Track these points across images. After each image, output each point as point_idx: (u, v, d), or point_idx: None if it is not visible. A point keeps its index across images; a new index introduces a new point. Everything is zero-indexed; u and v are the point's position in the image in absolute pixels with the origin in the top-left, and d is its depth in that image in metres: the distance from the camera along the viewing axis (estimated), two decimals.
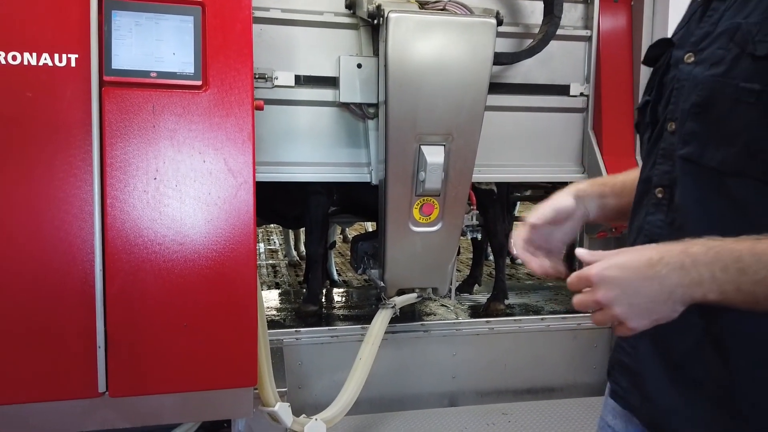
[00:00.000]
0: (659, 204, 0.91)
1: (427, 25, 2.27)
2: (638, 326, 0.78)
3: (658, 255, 0.76)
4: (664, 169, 0.90)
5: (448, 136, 2.39)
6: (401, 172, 2.41)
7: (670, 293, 0.75)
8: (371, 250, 2.81)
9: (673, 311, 0.76)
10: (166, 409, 1.83)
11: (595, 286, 0.78)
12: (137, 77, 1.71)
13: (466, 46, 2.29)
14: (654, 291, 0.75)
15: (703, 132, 0.84)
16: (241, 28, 1.78)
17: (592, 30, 2.93)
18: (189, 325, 1.77)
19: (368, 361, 2.40)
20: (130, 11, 1.70)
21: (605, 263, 0.78)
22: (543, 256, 1.04)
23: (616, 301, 0.76)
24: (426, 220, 2.52)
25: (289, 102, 2.60)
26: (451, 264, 2.68)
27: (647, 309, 0.76)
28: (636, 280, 0.76)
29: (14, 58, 1.63)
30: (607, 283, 0.77)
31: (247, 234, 1.80)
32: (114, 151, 1.70)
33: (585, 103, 2.98)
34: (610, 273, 0.77)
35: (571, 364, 2.94)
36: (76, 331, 1.70)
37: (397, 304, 2.59)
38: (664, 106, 0.92)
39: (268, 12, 2.54)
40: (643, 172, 0.96)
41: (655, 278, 0.75)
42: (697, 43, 0.88)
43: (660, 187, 0.91)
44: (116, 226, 1.71)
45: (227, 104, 1.77)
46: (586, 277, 0.78)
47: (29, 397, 1.70)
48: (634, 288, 0.76)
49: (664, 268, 0.75)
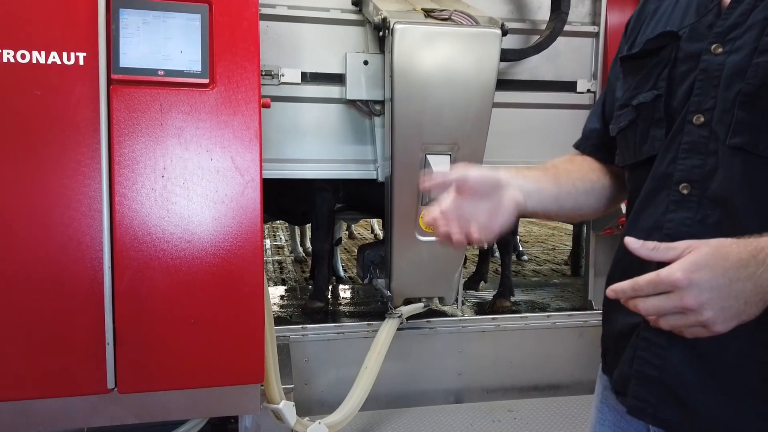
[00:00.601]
0: (685, 200, 0.87)
1: (432, 36, 2.27)
2: (725, 330, 0.72)
3: (747, 253, 0.71)
4: (693, 164, 0.87)
5: (454, 146, 2.39)
6: (407, 182, 2.42)
7: (764, 293, 0.71)
8: (377, 259, 2.81)
9: (759, 311, 0.72)
10: (173, 405, 1.84)
11: (683, 291, 0.71)
12: (145, 75, 1.72)
13: (471, 56, 2.29)
14: (749, 292, 0.71)
15: (755, 121, 0.81)
16: (248, 26, 1.78)
17: (599, 26, 2.91)
18: (196, 322, 1.78)
19: (374, 370, 2.41)
20: (137, 9, 1.70)
21: (690, 264, 0.71)
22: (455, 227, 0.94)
23: (707, 305, 0.71)
24: (432, 229, 2.52)
25: (296, 99, 2.60)
26: (457, 273, 2.69)
27: (738, 311, 0.71)
28: (730, 282, 0.70)
29: (23, 56, 1.64)
30: (697, 287, 0.70)
31: (254, 231, 1.81)
32: (122, 149, 1.71)
33: (592, 100, 2.96)
34: (700, 276, 0.70)
35: (578, 362, 2.94)
36: (85, 328, 1.72)
37: (403, 314, 2.60)
38: (682, 99, 0.89)
39: (274, 9, 2.54)
40: (657, 168, 0.92)
41: (750, 279, 0.70)
42: (724, 34, 0.86)
43: (686, 182, 0.87)
44: (124, 223, 1.72)
45: (234, 102, 1.77)
46: (671, 281, 0.71)
47: (39, 393, 1.72)
48: (728, 291, 0.70)
49: (759, 267, 0.70)
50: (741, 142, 0.82)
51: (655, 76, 0.95)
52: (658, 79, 0.94)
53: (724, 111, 0.84)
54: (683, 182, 0.87)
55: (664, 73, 0.93)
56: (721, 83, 0.85)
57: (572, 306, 3.24)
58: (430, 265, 2.59)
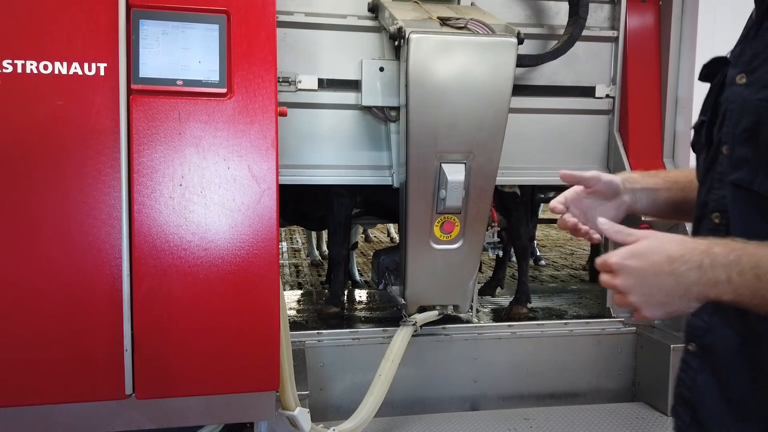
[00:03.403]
0: (716, 230, 0.89)
1: (448, 45, 2.27)
2: (652, 315, 0.80)
3: (679, 251, 0.78)
4: (721, 194, 0.88)
5: (469, 154, 2.39)
6: (422, 190, 2.42)
7: (686, 290, 0.77)
8: (392, 265, 2.81)
9: (688, 307, 0.79)
10: (190, 411, 1.86)
11: (615, 273, 0.81)
12: (164, 85, 1.74)
13: (486, 65, 2.29)
14: (670, 286, 0.78)
15: (753, 157, 0.82)
16: (266, 36, 1.79)
17: (618, 30, 2.88)
18: (213, 330, 1.80)
19: (388, 378, 2.41)
20: (157, 20, 1.73)
21: (627, 251, 0.80)
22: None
23: (632, 289, 0.79)
24: (447, 237, 2.52)
25: (312, 105, 2.62)
26: (472, 281, 2.68)
27: (661, 302, 0.79)
28: (653, 273, 0.78)
29: (45, 67, 1.67)
30: (625, 272, 0.79)
31: (270, 240, 1.82)
32: (141, 158, 1.73)
33: (611, 105, 2.94)
34: (629, 263, 0.79)
35: (595, 369, 2.91)
36: (104, 334, 1.74)
37: (418, 322, 2.60)
38: (718, 127, 0.90)
39: (291, 16, 2.56)
40: (699, 196, 0.94)
41: (672, 274, 0.77)
42: (748, 62, 0.86)
43: (717, 212, 0.89)
44: (143, 231, 1.74)
45: (251, 111, 1.79)
46: (608, 263, 0.81)
47: (58, 398, 1.75)
48: (651, 281, 0.78)
49: (683, 265, 0.77)
50: (738, 178, 0.84)
51: (709, 101, 0.96)
52: (709, 105, 0.95)
53: (733, 145, 0.86)
54: (715, 212, 0.90)
55: (712, 98, 0.94)
56: (735, 116, 0.86)
57: (590, 313, 3.20)
58: (444, 273, 2.59)
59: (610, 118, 2.95)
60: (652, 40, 2.90)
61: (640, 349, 2.90)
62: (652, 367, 2.81)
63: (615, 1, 2.90)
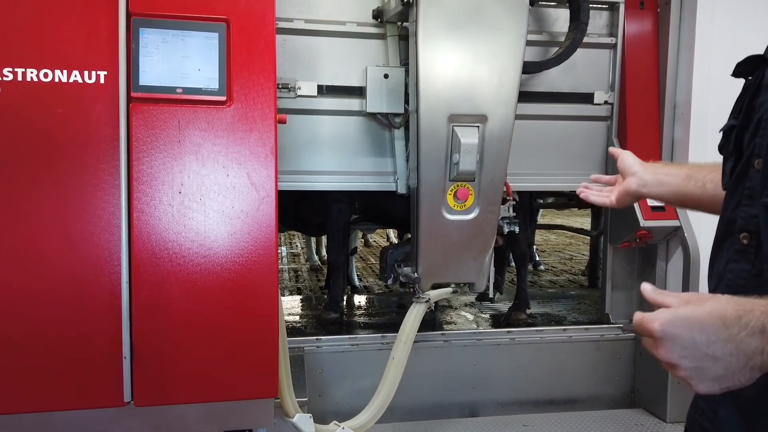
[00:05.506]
0: (744, 251, 0.80)
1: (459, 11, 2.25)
2: (705, 391, 0.68)
3: (735, 313, 0.65)
4: (751, 213, 0.79)
5: (482, 117, 2.33)
6: (434, 156, 2.34)
7: (747, 360, 0.65)
8: (402, 256, 2.69)
9: (750, 379, 0.66)
10: (189, 418, 1.86)
11: (657, 341, 0.68)
12: (163, 93, 1.74)
13: (499, 17, 2.28)
14: (728, 356, 0.65)
15: None
16: (265, 44, 1.80)
17: (617, 37, 2.89)
18: (212, 337, 1.80)
19: (402, 360, 2.31)
20: (157, 28, 1.73)
21: (671, 315, 0.67)
22: None
23: (680, 362, 0.67)
24: (461, 207, 2.41)
25: (312, 111, 2.62)
26: (488, 256, 2.55)
27: (718, 375, 0.66)
28: (706, 342, 0.65)
29: (46, 75, 1.68)
30: (670, 341, 0.66)
31: (268, 247, 1.82)
32: (141, 166, 1.74)
33: (609, 111, 2.94)
34: (674, 330, 0.66)
35: (594, 376, 2.91)
36: (103, 341, 1.74)
37: (431, 298, 2.46)
38: (751, 135, 0.81)
39: (291, 23, 2.56)
40: (725, 211, 0.85)
41: (729, 342, 0.65)
42: None
43: (745, 232, 0.79)
44: (142, 238, 1.75)
45: (250, 119, 1.79)
46: (649, 329, 0.68)
47: (57, 405, 1.75)
48: (703, 351, 0.65)
49: (742, 330, 0.65)
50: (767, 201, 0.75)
51: (741, 103, 0.86)
52: (741, 107, 0.85)
53: (766, 162, 0.76)
54: (743, 231, 0.80)
55: (745, 101, 0.84)
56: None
57: (589, 319, 3.20)
58: (458, 246, 2.46)
59: (609, 124, 2.95)
60: (651, 47, 2.91)
61: (639, 355, 2.90)
62: (651, 373, 2.82)
63: (613, 8, 2.91)
